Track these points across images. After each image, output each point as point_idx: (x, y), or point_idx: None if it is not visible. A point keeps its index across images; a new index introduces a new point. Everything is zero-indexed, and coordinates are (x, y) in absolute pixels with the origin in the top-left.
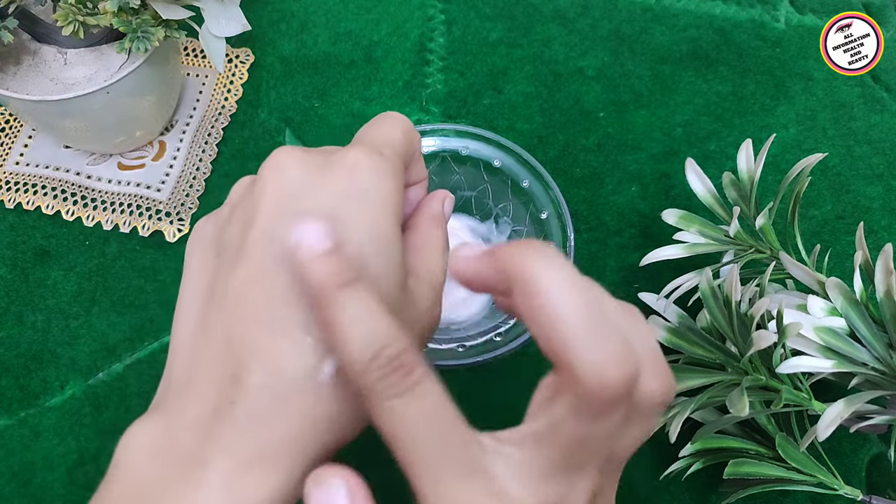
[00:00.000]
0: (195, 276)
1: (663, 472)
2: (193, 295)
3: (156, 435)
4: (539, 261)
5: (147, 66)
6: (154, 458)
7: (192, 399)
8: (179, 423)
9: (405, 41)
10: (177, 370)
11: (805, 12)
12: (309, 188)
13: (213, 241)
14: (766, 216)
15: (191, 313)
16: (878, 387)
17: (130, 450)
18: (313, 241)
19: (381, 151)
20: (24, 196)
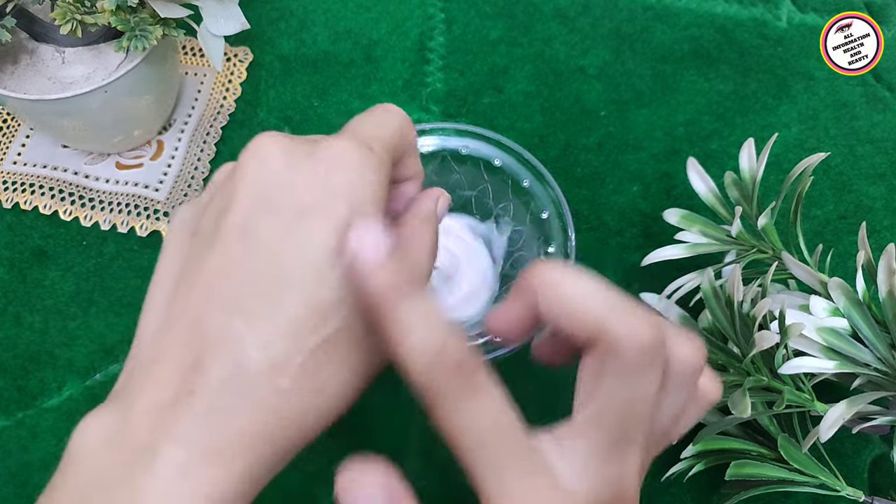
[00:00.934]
0: (168, 261)
1: (665, 473)
2: (164, 279)
3: (110, 423)
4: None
5: (145, 64)
6: (106, 446)
7: (150, 385)
8: (136, 411)
9: (405, 40)
10: (139, 356)
11: (807, 11)
12: (288, 179)
13: (189, 226)
14: (769, 216)
15: (159, 298)
16: (880, 388)
17: (83, 438)
18: (372, 249)
19: (370, 144)
20: (21, 196)
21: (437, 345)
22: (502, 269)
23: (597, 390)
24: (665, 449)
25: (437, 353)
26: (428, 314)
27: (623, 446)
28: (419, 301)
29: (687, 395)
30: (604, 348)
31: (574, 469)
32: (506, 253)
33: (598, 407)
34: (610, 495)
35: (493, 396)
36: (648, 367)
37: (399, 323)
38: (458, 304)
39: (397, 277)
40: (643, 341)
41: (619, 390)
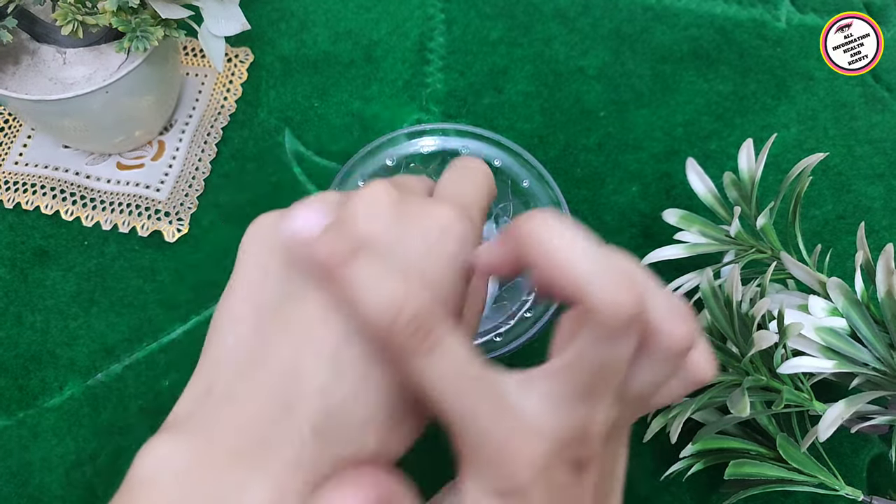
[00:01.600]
0: (255, 284)
1: (664, 472)
2: (250, 304)
3: (191, 456)
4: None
5: (146, 65)
6: (188, 482)
7: (235, 421)
8: (219, 447)
9: (405, 40)
10: (220, 383)
11: (806, 11)
12: (394, 238)
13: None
14: (767, 216)
15: (244, 324)
16: (879, 387)
17: (157, 469)
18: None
19: (471, 214)
20: (23, 196)
21: (389, 300)
22: None
23: (571, 342)
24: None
25: (391, 311)
26: (379, 275)
27: (590, 397)
28: (368, 262)
29: (671, 369)
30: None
31: (542, 407)
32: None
33: (570, 357)
34: (572, 436)
35: (454, 346)
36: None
37: (350, 287)
38: None
39: (339, 245)
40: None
41: (591, 350)
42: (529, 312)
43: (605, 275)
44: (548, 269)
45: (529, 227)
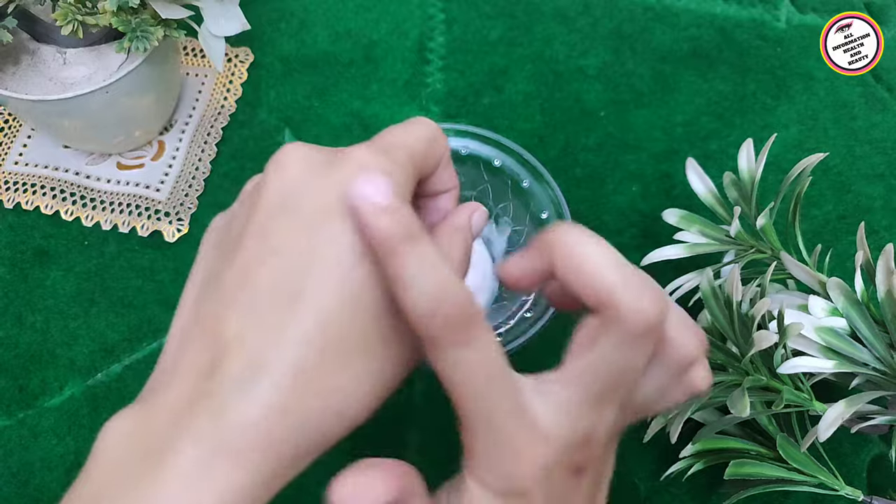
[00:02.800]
0: (198, 269)
1: (664, 472)
2: (193, 286)
3: (132, 423)
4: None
5: (146, 65)
6: (127, 445)
7: (171, 387)
8: (155, 411)
9: (405, 40)
10: (165, 359)
11: (806, 11)
12: (308, 186)
13: (218, 235)
14: (767, 216)
15: (186, 305)
16: (879, 387)
17: (107, 438)
18: (377, 195)
19: (389, 151)
20: (22, 196)
21: (437, 295)
22: None
23: (591, 348)
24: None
25: (437, 303)
26: (431, 263)
27: (602, 403)
28: (423, 249)
29: (676, 378)
30: (608, 315)
31: (552, 413)
32: (505, 253)
33: (587, 363)
34: (580, 441)
35: (486, 344)
36: (643, 343)
37: (403, 270)
38: None
39: (401, 223)
40: (648, 320)
41: (612, 355)
42: (529, 312)
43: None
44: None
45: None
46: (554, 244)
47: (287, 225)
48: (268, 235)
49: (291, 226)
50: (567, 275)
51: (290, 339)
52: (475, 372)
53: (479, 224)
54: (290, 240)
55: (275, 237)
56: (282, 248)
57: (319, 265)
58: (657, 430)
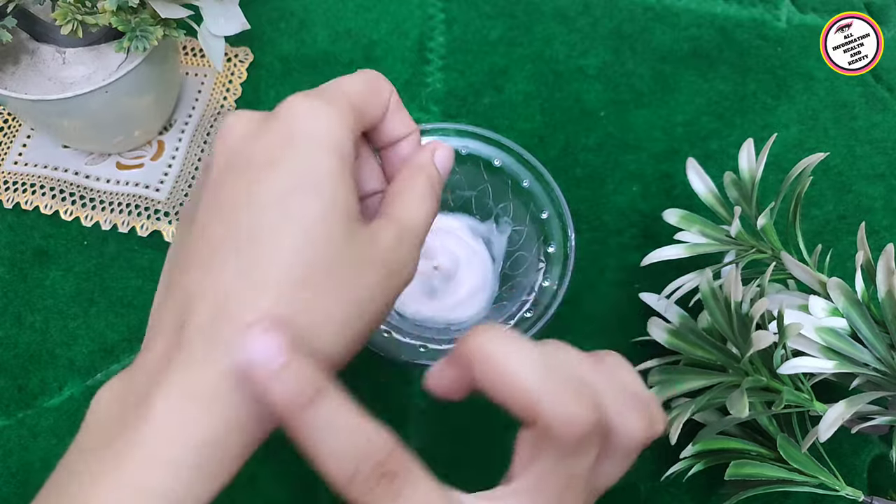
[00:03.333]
0: (171, 248)
1: (664, 473)
2: (166, 267)
3: (119, 385)
4: (490, 341)
5: (146, 65)
6: (111, 405)
7: (151, 349)
8: (137, 371)
9: (405, 40)
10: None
11: (806, 11)
12: (249, 141)
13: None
14: (768, 216)
15: (163, 278)
16: (879, 387)
17: (97, 401)
18: (267, 355)
19: (321, 94)
20: (22, 196)
21: (351, 457)
22: (502, 269)
23: (533, 463)
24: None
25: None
26: (339, 424)
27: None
28: (328, 410)
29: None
30: (541, 429)
31: None
32: (506, 253)
33: (533, 478)
34: None
35: (421, 492)
36: (584, 449)
37: (308, 438)
38: (457, 305)
39: (298, 384)
40: (579, 429)
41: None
42: (529, 312)
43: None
44: (500, 390)
45: (479, 346)
46: (472, 353)
47: (232, 181)
48: (217, 194)
49: (236, 181)
50: (489, 388)
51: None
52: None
53: (444, 162)
54: (235, 192)
55: (223, 193)
56: (230, 201)
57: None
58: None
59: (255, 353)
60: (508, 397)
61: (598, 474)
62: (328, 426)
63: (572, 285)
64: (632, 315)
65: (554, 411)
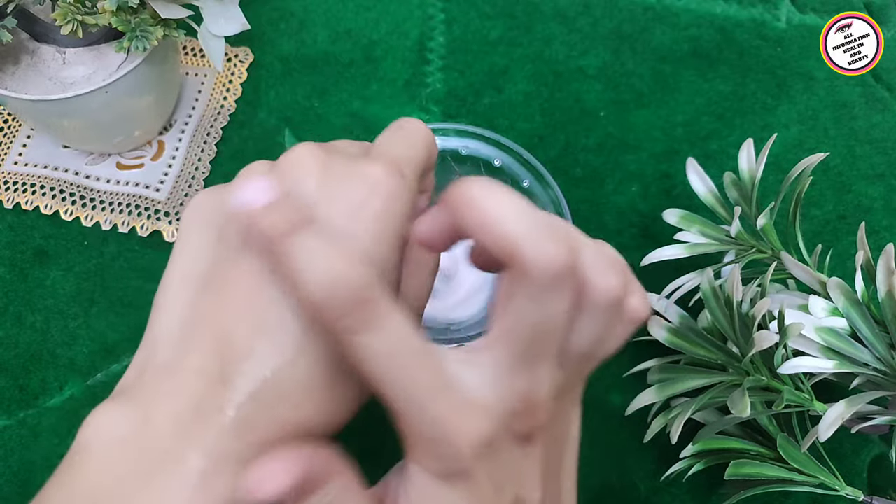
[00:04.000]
0: (192, 257)
1: (664, 472)
2: (187, 277)
3: (130, 425)
4: (476, 186)
5: (146, 65)
6: (128, 450)
7: (173, 391)
8: (157, 414)
9: (405, 40)
10: (158, 354)
11: (806, 11)
12: (325, 195)
13: (214, 223)
14: (768, 216)
15: (180, 296)
16: (879, 387)
17: (99, 437)
18: (255, 196)
19: (403, 171)
20: (22, 196)
21: (329, 281)
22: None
23: (508, 307)
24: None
25: (330, 289)
26: (318, 249)
27: (532, 361)
28: (309, 237)
29: (610, 319)
30: (517, 268)
31: (484, 381)
32: None
33: (507, 323)
34: (520, 404)
35: (394, 324)
36: (557, 291)
37: (291, 262)
38: (457, 305)
39: (282, 217)
40: (551, 267)
41: (527, 310)
42: None
43: (536, 230)
44: (481, 230)
45: (462, 191)
46: (458, 199)
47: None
48: None
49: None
50: (473, 229)
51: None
52: (387, 355)
53: None
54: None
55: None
56: None
57: None
58: (657, 430)
59: (246, 197)
60: (490, 237)
61: (574, 331)
62: (308, 251)
63: None
64: None
65: (530, 248)
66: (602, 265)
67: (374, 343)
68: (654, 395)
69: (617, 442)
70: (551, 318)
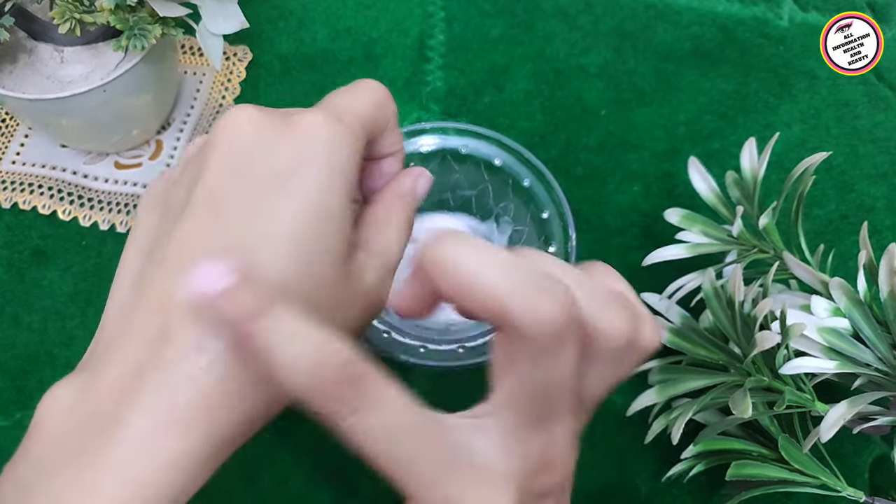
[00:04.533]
0: (139, 236)
1: (665, 473)
2: (135, 254)
3: (75, 394)
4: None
5: (144, 64)
6: (71, 417)
7: (116, 357)
8: (101, 382)
9: (405, 38)
10: (107, 329)
11: (808, 10)
12: (259, 148)
13: (160, 200)
14: (770, 216)
15: (128, 273)
16: (881, 388)
17: (49, 409)
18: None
19: (340, 116)
20: (20, 195)
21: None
22: None
23: (509, 369)
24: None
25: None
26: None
27: (545, 421)
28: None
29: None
30: (511, 331)
31: (495, 447)
32: None
33: (512, 386)
34: (536, 466)
35: (389, 396)
36: (559, 347)
37: (264, 346)
38: None
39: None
40: (547, 324)
41: (531, 371)
42: None
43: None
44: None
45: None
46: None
47: (237, 189)
48: (217, 200)
49: (242, 190)
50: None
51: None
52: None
53: (424, 190)
54: (240, 204)
55: (225, 202)
56: (232, 213)
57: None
58: (658, 431)
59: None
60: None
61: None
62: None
63: None
64: None
65: (521, 308)
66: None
67: (371, 422)
68: (655, 395)
69: (618, 443)
70: (557, 376)
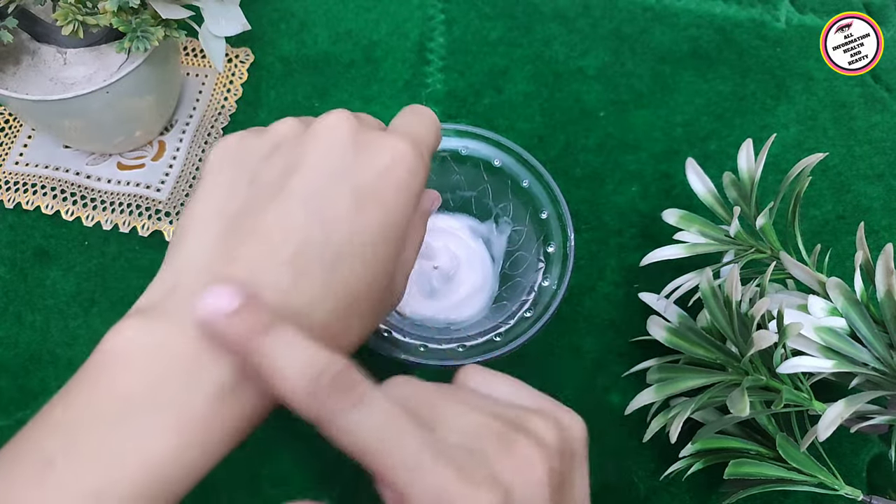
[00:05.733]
0: (222, 195)
1: (664, 472)
2: (217, 213)
3: (157, 339)
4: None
5: (146, 65)
6: (157, 357)
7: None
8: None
9: (405, 41)
10: (186, 277)
11: (805, 12)
12: (353, 161)
13: (245, 165)
14: (767, 216)
15: (210, 229)
16: (878, 387)
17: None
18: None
19: (421, 150)
20: (23, 196)
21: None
22: (502, 268)
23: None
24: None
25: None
26: (296, 343)
27: None
28: (283, 333)
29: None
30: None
31: None
32: (505, 253)
33: None
34: None
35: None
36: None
37: (267, 358)
38: (457, 305)
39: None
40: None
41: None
42: (529, 312)
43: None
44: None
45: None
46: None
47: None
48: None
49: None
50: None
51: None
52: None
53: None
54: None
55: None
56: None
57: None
58: (657, 429)
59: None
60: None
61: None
62: (285, 346)
63: (572, 285)
64: (631, 315)
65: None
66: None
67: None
68: (653, 394)
69: (616, 441)
70: None
